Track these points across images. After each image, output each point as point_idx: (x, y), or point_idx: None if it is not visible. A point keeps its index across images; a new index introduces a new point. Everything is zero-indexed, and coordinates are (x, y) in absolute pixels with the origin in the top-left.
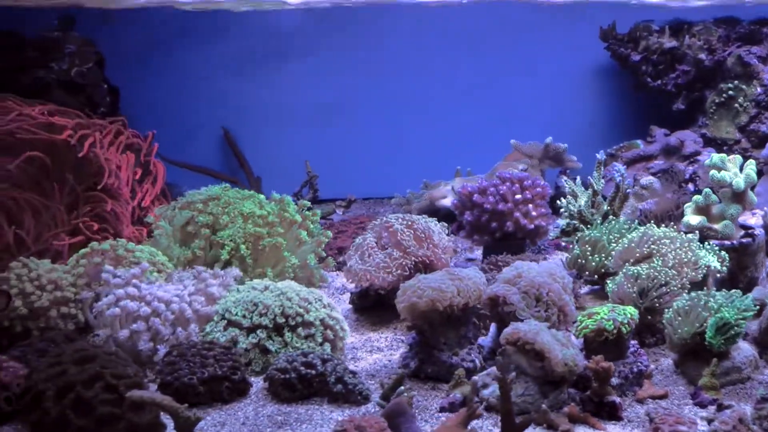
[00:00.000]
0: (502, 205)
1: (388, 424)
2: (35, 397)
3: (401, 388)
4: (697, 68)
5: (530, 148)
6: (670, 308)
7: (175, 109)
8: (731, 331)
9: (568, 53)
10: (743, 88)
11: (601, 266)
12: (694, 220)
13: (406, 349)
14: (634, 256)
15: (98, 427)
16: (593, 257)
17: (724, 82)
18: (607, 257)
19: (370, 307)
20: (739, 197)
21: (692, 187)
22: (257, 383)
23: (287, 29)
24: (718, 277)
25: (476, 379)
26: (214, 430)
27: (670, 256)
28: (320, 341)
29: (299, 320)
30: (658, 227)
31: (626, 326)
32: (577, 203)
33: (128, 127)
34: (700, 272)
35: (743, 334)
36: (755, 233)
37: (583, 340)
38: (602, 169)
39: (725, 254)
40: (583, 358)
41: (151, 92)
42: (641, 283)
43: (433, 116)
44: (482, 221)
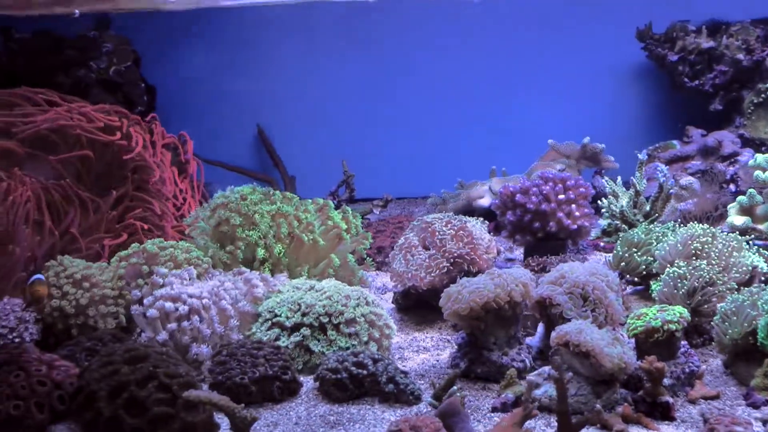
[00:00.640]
0: (545, 205)
1: (442, 424)
2: (88, 396)
3: (453, 388)
4: (735, 68)
5: (567, 148)
6: (717, 309)
7: (209, 107)
8: None
9: (603, 53)
10: None
11: (644, 266)
12: (738, 220)
13: (454, 349)
14: (680, 256)
15: (152, 426)
16: (636, 257)
17: (762, 82)
18: (650, 257)
19: (413, 306)
20: None
21: (733, 187)
22: (306, 382)
23: (323, 26)
24: (763, 278)
25: (532, 378)
26: (267, 430)
27: (715, 256)
28: (365, 340)
29: (341, 318)
30: None
31: (676, 325)
32: (618, 203)
33: (162, 125)
34: (746, 273)
35: None
36: None
37: (634, 341)
38: (644, 169)
39: None
40: (633, 356)
41: (185, 91)
42: (688, 283)
43: (466, 116)
44: (525, 221)
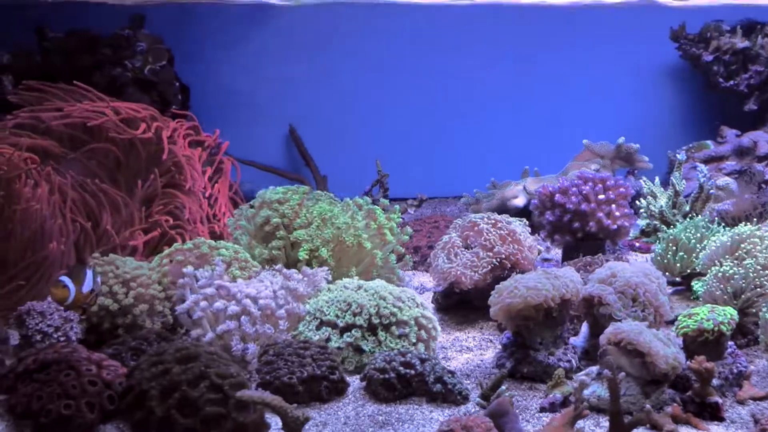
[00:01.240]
0: (584, 205)
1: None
2: (138, 396)
3: (502, 387)
4: None
5: (602, 147)
6: (762, 309)
7: (241, 107)
8: None
9: (638, 53)
10: None
11: (686, 266)
12: None
13: (498, 348)
14: (725, 256)
15: (204, 426)
16: (678, 257)
17: None
18: (690, 257)
19: (453, 306)
20: None
21: None
22: (353, 382)
23: (355, 25)
24: None
25: (583, 378)
26: (316, 429)
27: (761, 256)
28: (414, 341)
29: (393, 320)
30: None
31: (727, 326)
32: (657, 203)
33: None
34: None
35: None
36: None
37: (682, 340)
38: (682, 169)
39: None
40: (684, 357)
41: (218, 90)
42: (734, 284)
43: (499, 115)
44: (564, 221)
